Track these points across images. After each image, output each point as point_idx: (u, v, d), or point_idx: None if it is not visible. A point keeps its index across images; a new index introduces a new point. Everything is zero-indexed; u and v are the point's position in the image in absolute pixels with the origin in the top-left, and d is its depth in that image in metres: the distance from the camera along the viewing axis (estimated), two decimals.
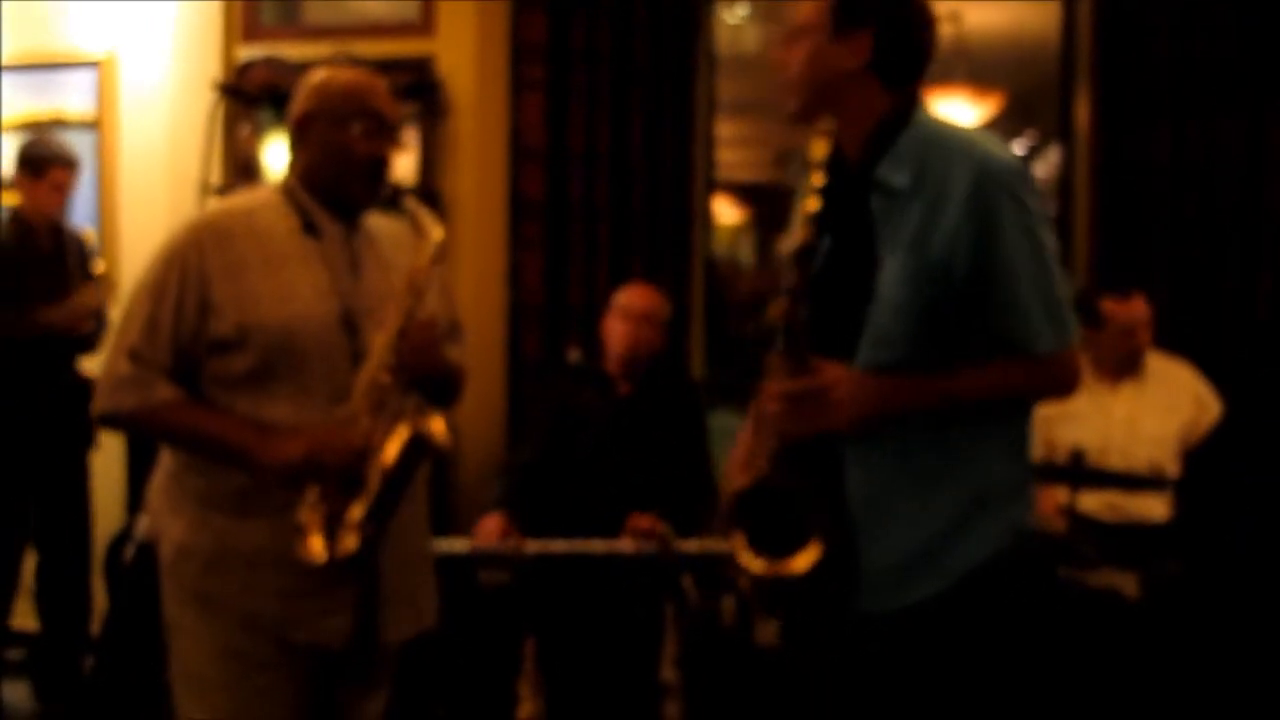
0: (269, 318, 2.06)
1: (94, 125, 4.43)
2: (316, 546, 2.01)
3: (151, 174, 4.38)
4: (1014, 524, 1.90)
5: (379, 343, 2.08)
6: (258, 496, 2.07)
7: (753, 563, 1.90)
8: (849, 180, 1.94)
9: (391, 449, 2.04)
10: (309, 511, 2.02)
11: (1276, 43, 3.71)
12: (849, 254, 1.92)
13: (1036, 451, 3.54)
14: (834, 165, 1.98)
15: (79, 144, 4.36)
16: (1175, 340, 3.66)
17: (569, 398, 3.60)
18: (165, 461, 2.20)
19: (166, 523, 2.16)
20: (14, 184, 4.00)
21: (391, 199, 2.22)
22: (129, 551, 3.74)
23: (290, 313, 2.07)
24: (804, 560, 1.87)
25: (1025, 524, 1.92)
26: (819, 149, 1.95)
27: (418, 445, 2.06)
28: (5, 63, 4.43)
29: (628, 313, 3.58)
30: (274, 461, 2.02)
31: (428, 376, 2.17)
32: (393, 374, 2.08)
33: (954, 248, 1.81)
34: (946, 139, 1.88)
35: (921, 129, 1.90)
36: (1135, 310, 3.52)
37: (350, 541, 2.02)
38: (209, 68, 4.26)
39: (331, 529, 2.02)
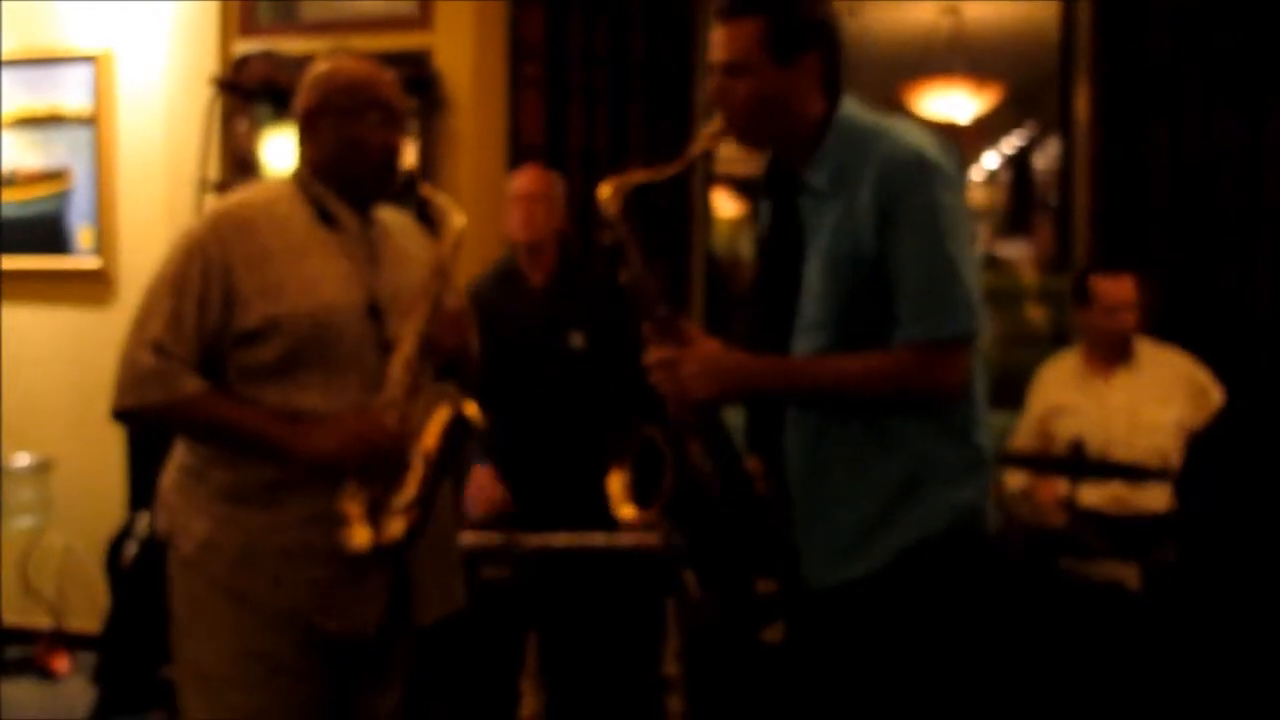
0: (298, 307, 2.05)
1: (91, 121, 4.41)
2: (361, 535, 1.98)
3: (149, 169, 4.38)
4: (953, 506, 1.90)
5: (409, 328, 2.08)
6: (288, 488, 2.05)
7: (613, 488, 2.02)
8: (793, 189, 2.01)
9: (433, 432, 2.04)
10: (350, 501, 2.00)
11: (1276, 35, 3.70)
12: (783, 254, 2.01)
13: (1031, 445, 3.55)
14: (780, 178, 2.05)
15: (76, 140, 4.37)
16: (1173, 333, 3.65)
17: (490, 304, 3.33)
18: (182, 458, 2.16)
19: (187, 520, 2.11)
20: None
21: (406, 186, 2.22)
22: (130, 548, 3.75)
23: (318, 302, 2.06)
24: (629, 512, 2.01)
25: (969, 506, 1.92)
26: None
27: (459, 427, 2.06)
28: (3, 59, 4.43)
29: (518, 195, 3.47)
30: (311, 452, 2.01)
31: (458, 360, 2.16)
32: (425, 357, 2.08)
33: (861, 237, 1.87)
34: (860, 134, 1.94)
35: (841, 128, 1.96)
36: (1123, 289, 3.51)
37: (396, 527, 2.00)
38: (206, 63, 4.25)
39: (374, 516, 2.00)
